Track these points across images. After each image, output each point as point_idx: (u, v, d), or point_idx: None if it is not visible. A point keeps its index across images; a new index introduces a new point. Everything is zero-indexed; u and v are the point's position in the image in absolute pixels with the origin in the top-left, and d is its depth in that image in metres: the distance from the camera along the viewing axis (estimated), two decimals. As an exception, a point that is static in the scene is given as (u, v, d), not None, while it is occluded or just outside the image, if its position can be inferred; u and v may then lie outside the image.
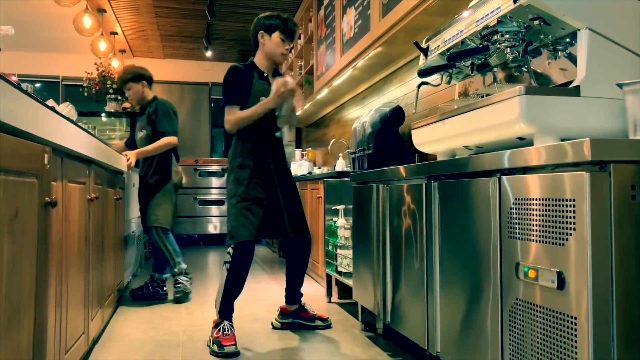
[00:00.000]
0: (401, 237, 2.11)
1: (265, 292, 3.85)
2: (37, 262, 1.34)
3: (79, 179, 2.03)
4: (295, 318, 2.88)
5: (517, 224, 1.33)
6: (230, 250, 2.59)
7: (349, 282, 2.99)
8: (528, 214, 1.29)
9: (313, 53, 5.49)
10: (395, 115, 3.61)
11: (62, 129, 1.66)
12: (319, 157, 6.50)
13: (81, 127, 2.00)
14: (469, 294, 1.57)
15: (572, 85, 1.48)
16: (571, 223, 1.14)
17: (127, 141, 3.99)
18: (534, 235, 1.26)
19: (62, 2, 4.97)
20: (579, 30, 1.51)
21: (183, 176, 3.79)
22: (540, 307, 1.24)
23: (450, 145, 1.92)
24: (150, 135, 3.59)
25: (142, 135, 3.65)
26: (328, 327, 2.86)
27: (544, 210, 1.23)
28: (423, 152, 2.21)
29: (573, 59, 1.58)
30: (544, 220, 1.23)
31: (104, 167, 2.64)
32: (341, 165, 4.52)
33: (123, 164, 3.24)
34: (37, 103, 1.39)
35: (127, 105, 6.48)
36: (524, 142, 1.51)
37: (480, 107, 1.62)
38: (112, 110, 6.47)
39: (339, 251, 3.24)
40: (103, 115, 6.53)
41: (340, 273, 3.25)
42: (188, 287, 3.52)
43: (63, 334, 1.79)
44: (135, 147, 3.65)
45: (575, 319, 1.13)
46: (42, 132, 1.40)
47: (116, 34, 6.83)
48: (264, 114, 2.64)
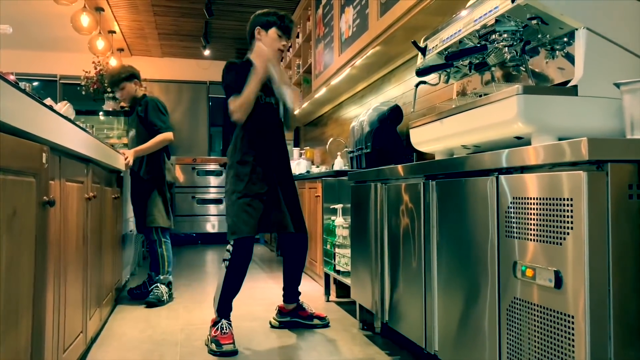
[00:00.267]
0: (399, 236, 2.11)
1: (264, 291, 3.85)
2: (35, 261, 1.34)
3: (77, 178, 2.03)
4: (294, 317, 2.88)
5: (514, 223, 1.33)
6: (229, 247, 2.59)
7: (347, 281, 2.99)
8: (526, 213, 1.29)
9: (311, 52, 5.49)
10: (394, 115, 3.61)
11: (60, 128, 1.66)
12: (317, 156, 6.50)
13: (79, 126, 2.00)
14: (467, 293, 1.57)
15: (570, 84, 1.48)
16: (568, 222, 1.15)
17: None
18: (532, 235, 1.26)
19: (60, 1, 4.95)
20: (577, 29, 1.51)
21: (175, 173, 3.79)
22: (537, 306, 1.24)
23: (448, 144, 1.93)
24: (141, 134, 3.57)
25: (133, 134, 3.64)
26: (326, 326, 2.86)
27: (541, 210, 1.23)
28: (421, 151, 2.21)
29: (571, 59, 1.58)
30: (541, 220, 1.23)
31: (102, 166, 2.63)
32: (339, 164, 4.52)
33: (121, 163, 3.24)
34: (35, 102, 1.38)
35: (124, 104, 6.48)
36: (521, 141, 1.52)
37: (478, 107, 1.63)
38: (110, 109, 6.47)
39: (337, 250, 3.24)
40: (101, 114, 6.53)
41: (338, 272, 3.25)
42: (164, 296, 3.42)
43: (61, 333, 1.79)
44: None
45: (573, 317, 1.13)
46: (40, 131, 1.40)
47: (114, 32, 6.82)
48: (264, 103, 2.70)
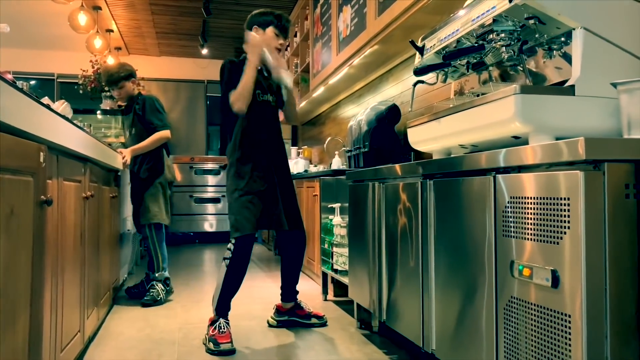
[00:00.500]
0: (397, 235, 2.12)
1: (261, 290, 3.85)
2: (32, 260, 1.34)
3: (75, 177, 2.03)
4: (291, 316, 2.88)
5: (512, 222, 1.34)
6: (230, 246, 2.59)
7: (345, 280, 3.00)
8: (523, 213, 1.29)
9: (309, 51, 5.49)
10: (391, 114, 3.61)
11: (58, 127, 1.66)
12: (315, 155, 6.50)
13: (76, 125, 2.00)
14: (464, 292, 1.58)
15: (567, 84, 1.48)
16: (565, 222, 1.15)
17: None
18: (529, 234, 1.27)
19: (57, 0, 4.95)
20: (574, 29, 1.51)
21: (175, 171, 3.78)
22: (534, 305, 1.25)
23: (445, 143, 1.93)
24: (139, 132, 3.55)
25: (132, 133, 3.62)
26: (324, 324, 2.86)
27: (538, 209, 1.24)
28: (419, 150, 2.21)
29: (568, 58, 1.58)
30: (538, 219, 1.24)
31: (100, 165, 2.63)
32: (337, 163, 4.52)
33: (118, 162, 3.24)
34: (32, 101, 1.38)
35: (122, 103, 6.46)
36: (519, 140, 1.52)
37: (476, 106, 1.63)
38: (108, 108, 6.46)
39: (334, 249, 3.25)
40: (98, 112, 6.52)
41: (336, 271, 3.26)
42: (160, 295, 3.40)
43: (59, 333, 1.79)
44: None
45: (569, 316, 1.13)
46: (37, 130, 1.40)
47: (112, 31, 6.80)
48: (262, 101, 2.70)
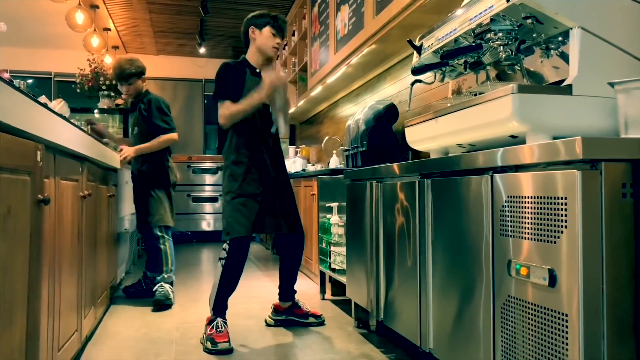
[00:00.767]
0: (394, 234, 2.12)
1: (259, 289, 3.85)
2: (29, 259, 1.34)
3: (72, 176, 2.03)
4: (289, 315, 2.89)
5: (509, 221, 1.34)
6: (225, 246, 2.59)
7: (343, 279, 3.00)
8: (520, 212, 1.29)
9: (307, 50, 5.48)
10: (389, 113, 3.62)
11: (55, 126, 1.65)
12: (313, 154, 6.50)
13: (74, 124, 2.00)
14: (462, 291, 1.58)
15: (565, 83, 1.49)
16: (563, 221, 1.15)
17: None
18: (526, 233, 1.27)
19: (54, -2, 4.94)
20: (571, 29, 1.52)
21: (177, 173, 3.75)
22: (531, 304, 1.25)
23: (443, 143, 1.93)
24: (144, 132, 3.52)
25: (136, 132, 3.57)
26: (321, 324, 2.87)
27: (536, 208, 1.24)
28: (416, 149, 2.21)
29: (565, 58, 1.59)
30: (535, 218, 1.24)
31: (97, 164, 2.63)
32: (335, 162, 4.52)
33: (116, 160, 3.23)
34: (29, 100, 1.38)
35: (120, 101, 6.46)
36: (516, 140, 1.52)
37: (473, 105, 1.63)
38: (105, 107, 6.45)
39: (332, 248, 3.25)
40: (96, 111, 6.51)
41: (333, 270, 3.26)
42: (171, 295, 3.31)
43: (56, 332, 1.78)
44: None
45: (566, 315, 1.14)
46: (34, 129, 1.40)
47: (109, 30, 6.79)
48: (258, 108, 2.64)
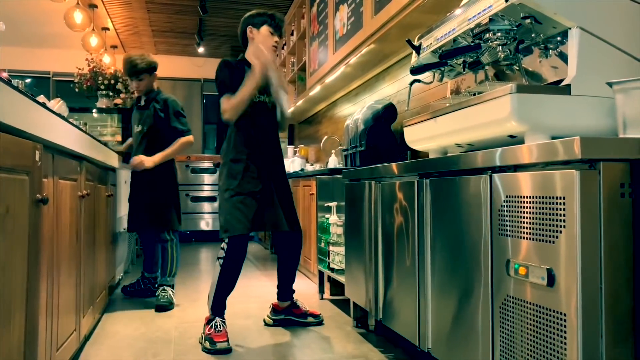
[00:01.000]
0: (393, 234, 2.12)
1: (258, 289, 3.85)
2: (28, 259, 1.33)
3: (71, 175, 2.02)
4: (288, 315, 2.89)
5: (508, 221, 1.34)
6: (224, 245, 2.59)
7: (341, 278, 3.00)
8: (519, 212, 1.30)
9: (305, 50, 5.48)
10: (388, 113, 3.62)
11: (53, 125, 1.65)
12: (312, 154, 6.50)
13: (72, 124, 1.99)
14: (460, 291, 1.58)
15: (563, 83, 1.49)
16: (561, 220, 1.15)
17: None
18: (525, 233, 1.27)
19: (53, -2, 4.93)
20: (570, 29, 1.52)
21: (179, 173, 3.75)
22: (530, 303, 1.25)
23: (442, 142, 1.93)
24: (154, 131, 3.41)
25: (142, 130, 3.46)
26: (320, 323, 2.87)
27: (534, 208, 1.24)
28: (415, 149, 2.22)
29: (564, 58, 1.59)
30: (534, 218, 1.24)
31: (96, 164, 2.62)
32: (333, 162, 4.52)
33: (114, 160, 3.22)
34: (27, 99, 1.38)
35: (118, 101, 6.45)
36: (515, 140, 1.52)
37: (472, 105, 1.63)
38: (104, 107, 6.44)
39: (331, 248, 3.25)
40: (94, 111, 6.50)
41: (332, 270, 3.26)
42: (173, 299, 3.30)
43: (54, 332, 1.78)
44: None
45: (565, 315, 1.14)
46: (33, 128, 1.40)
47: (107, 29, 6.78)
48: (260, 100, 2.69)
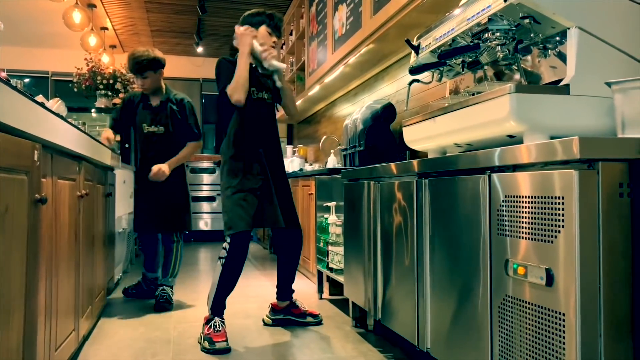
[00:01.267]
0: (392, 233, 2.12)
1: (257, 289, 3.85)
2: (26, 259, 1.33)
3: (69, 175, 2.02)
4: (287, 314, 2.89)
5: (506, 221, 1.34)
6: (226, 245, 2.59)
7: (340, 278, 3.00)
8: (518, 211, 1.30)
9: (304, 49, 5.48)
10: (387, 113, 3.62)
11: (52, 125, 1.65)
12: (311, 154, 6.50)
13: (71, 124, 1.99)
14: (459, 291, 1.58)
15: (562, 83, 1.49)
16: (560, 220, 1.15)
17: (111, 126, 3.53)
18: (524, 232, 1.27)
19: (51, -3, 4.93)
20: (569, 29, 1.52)
21: None
22: (529, 303, 1.25)
23: (440, 142, 1.93)
24: (168, 131, 3.36)
25: (155, 131, 3.37)
26: (319, 323, 2.87)
27: (533, 208, 1.24)
28: (414, 149, 2.22)
29: (563, 58, 1.59)
30: (533, 218, 1.24)
31: (94, 163, 2.62)
32: (332, 162, 4.52)
33: (112, 159, 3.21)
34: (26, 99, 1.38)
35: (117, 101, 6.44)
36: (513, 139, 1.53)
37: (471, 105, 1.63)
38: (103, 106, 6.43)
39: (330, 248, 3.25)
40: (93, 111, 6.49)
41: (331, 270, 3.26)
42: (172, 300, 3.30)
43: (53, 331, 1.78)
44: (124, 134, 3.35)
45: (564, 315, 1.14)
46: (31, 128, 1.39)
47: (106, 29, 6.78)
48: (257, 98, 2.71)
